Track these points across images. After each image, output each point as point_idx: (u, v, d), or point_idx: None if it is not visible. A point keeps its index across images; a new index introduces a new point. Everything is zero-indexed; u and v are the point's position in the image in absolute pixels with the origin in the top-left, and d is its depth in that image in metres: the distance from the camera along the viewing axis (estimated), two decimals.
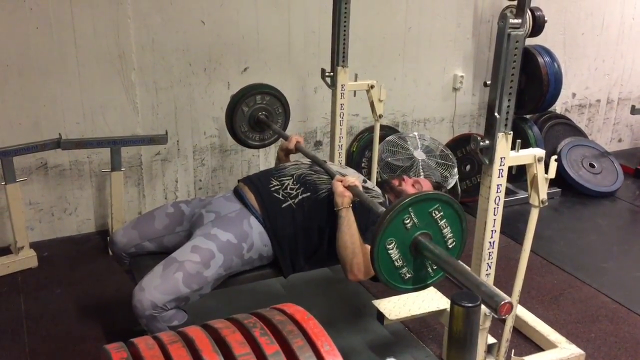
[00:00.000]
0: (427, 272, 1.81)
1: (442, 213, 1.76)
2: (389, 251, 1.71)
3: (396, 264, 1.74)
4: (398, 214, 1.69)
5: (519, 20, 1.90)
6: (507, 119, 1.96)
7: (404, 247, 1.74)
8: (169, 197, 3.61)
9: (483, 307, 1.44)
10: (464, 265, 1.66)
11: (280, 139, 2.99)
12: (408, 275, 1.78)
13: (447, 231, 1.79)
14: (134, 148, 3.39)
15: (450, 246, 1.81)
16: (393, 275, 1.75)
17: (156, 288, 1.97)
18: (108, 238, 3.24)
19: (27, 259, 3.07)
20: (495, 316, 1.48)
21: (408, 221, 1.71)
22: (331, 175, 2.26)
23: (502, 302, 1.43)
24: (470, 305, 1.33)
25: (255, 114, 2.99)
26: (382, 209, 1.85)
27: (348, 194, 2.10)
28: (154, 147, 3.44)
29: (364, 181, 2.42)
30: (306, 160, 2.40)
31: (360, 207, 2.18)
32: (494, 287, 1.51)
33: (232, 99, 2.97)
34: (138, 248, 2.30)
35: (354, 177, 2.17)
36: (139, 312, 1.96)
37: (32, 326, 2.62)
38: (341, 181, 2.13)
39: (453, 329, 1.35)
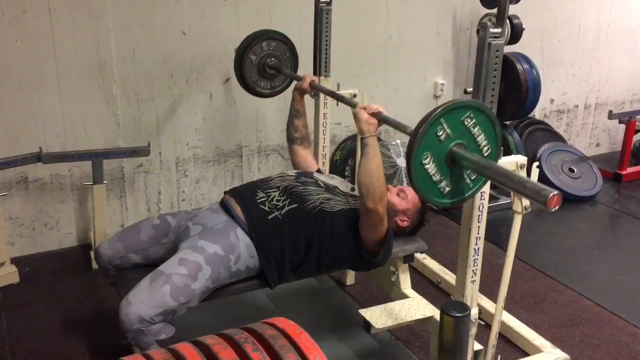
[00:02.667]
0: (466, 183, 1.79)
1: (474, 120, 1.72)
2: (426, 166, 1.68)
3: (434, 178, 1.71)
4: (431, 126, 1.65)
5: (499, 30, 1.92)
6: None
7: (440, 160, 1.70)
8: (152, 209, 3.59)
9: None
10: (504, 167, 1.64)
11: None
12: (447, 189, 1.75)
13: (481, 138, 1.75)
14: (116, 160, 3.36)
15: (486, 154, 1.78)
16: (432, 190, 1.72)
17: (143, 302, 1.95)
18: (91, 252, 3.21)
19: (8, 275, 3.03)
20: (546, 209, 1.45)
21: (441, 133, 1.68)
22: (351, 105, 2.25)
23: (551, 195, 1.42)
24: (459, 315, 1.33)
25: (264, 61, 2.97)
26: (411, 127, 1.80)
27: (374, 120, 2.08)
28: (136, 159, 3.42)
29: (352, 189, 2.43)
30: (292, 172, 2.40)
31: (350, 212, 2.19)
32: (539, 183, 1.50)
33: (237, 50, 2.96)
34: (123, 260, 2.28)
35: (377, 105, 2.12)
36: (126, 327, 1.94)
37: (15, 344, 2.58)
38: (364, 108, 2.10)
39: (443, 339, 1.36)
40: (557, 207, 1.43)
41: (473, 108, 1.72)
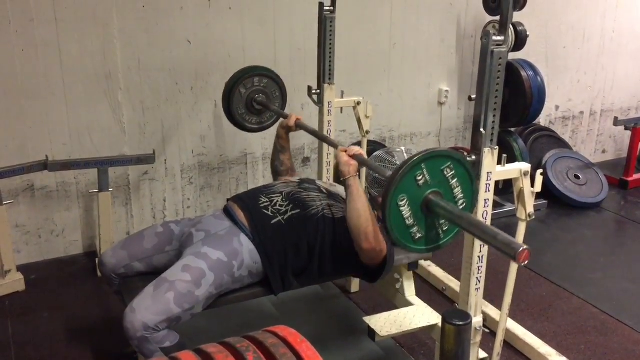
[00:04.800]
0: (438, 232, 1.80)
1: (453, 172, 1.74)
2: (401, 208, 1.69)
3: (407, 222, 1.72)
4: (411, 169, 1.66)
5: (502, 37, 1.93)
6: (492, 134, 1.99)
7: (415, 206, 1.71)
8: (157, 216, 3.60)
9: (473, 322, 1.45)
10: (477, 218, 1.65)
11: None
12: (419, 235, 1.76)
13: (457, 191, 1.77)
14: (122, 168, 3.38)
15: (460, 207, 1.79)
16: (404, 234, 1.73)
17: (147, 309, 1.95)
18: (96, 259, 3.21)
19: (14, 282, 3.04)
20: (515, 263, 1.47)
21: (420, 178, 1.69)
22: (334, 146, 2.27)
23: (520, 249, 1.44)
24: (461, 323, 1.33)
25: (253, 96, 3.00)
26: (390, 172, 1.82)
27: (353, 162, 2.11)
28: (142, 167, 3.44)
29: None
30: (295, 179, 2.41)
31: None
32: (509, 237, 1.50)
33: (228, 82, 2.98)
34: (127, 269, 2.29)
35: (358, 147, 2.17)
36: (130, 334, 1.94)
37: (20, 351, 2.59)
38: (345, 151, 2.14)
39: (445, 347, 1.36)
40: (525, 262, 1.44)
41: (454, 160, 1.75)
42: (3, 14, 2.96)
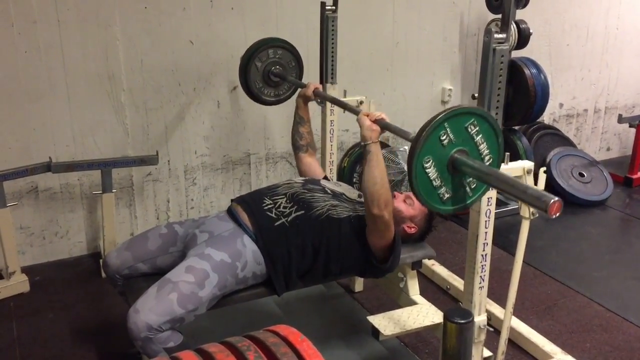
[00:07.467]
0: (466, 191, 1.78)
1: (477, 128, 1.71)
2: (427, 170, 1.68)
3: (434, 183, 1.70)
4: (434, 129, 1.64)
5: (504, 35, 1.92)
6: None
7: (441, 166, 1.70)
8: (160, 217, 3.60)
9: (477, 321, 1.45)
10: (505, 174, 1.64)
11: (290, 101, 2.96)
12: (447, 196, 1.74)
13: (483, 147, 1.75)
14: (125, 169, 3.38)
15: (487, 163, 1.78)
16: (431, 196, 1.72)
17: (151, 309, 1.96)
18: (100, 260, 3.22)
19: (18, 283, 3.05)
20: (547, 216, 1.45)
21: (444, 137, 1.67)
22: (355, 112, 2.27)
23: (551, 201, 1.42)
24: (462, 321, 1.33)
25: (269, 68, 3.00)
26: (413, 134, 1.79)
27: (376, 127, 2.09)
28: (145, 168, 3.44)
29: (359, 196, 2.43)
30: (299, 180, 2.40)
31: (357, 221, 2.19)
32: (539, 190, 1.50)
33: (243, 56, 2.98)
34: (131, 269, 2.29)
35: (380, 112, 2.15)
36: (134, 335, 1.95)
37: (25, 352, 2.60)
38: (367, 115, 2.12)
39: (447, 345, 1.36)
40: (557, 214, 1.42)
41: (477, 115, 1.71)
42: (6, 16, 2.97)
